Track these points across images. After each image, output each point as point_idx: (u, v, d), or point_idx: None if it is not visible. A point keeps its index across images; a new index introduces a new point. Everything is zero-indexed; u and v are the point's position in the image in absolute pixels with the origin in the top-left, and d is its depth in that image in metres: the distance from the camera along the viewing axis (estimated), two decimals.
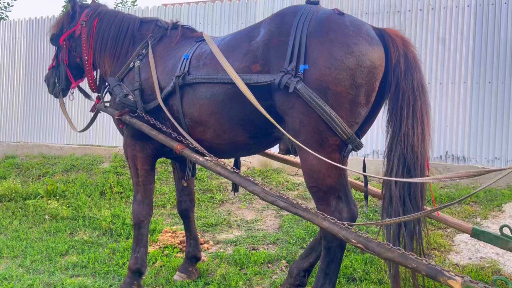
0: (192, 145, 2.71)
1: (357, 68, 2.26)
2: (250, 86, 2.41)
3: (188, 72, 2.69)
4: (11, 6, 11.83)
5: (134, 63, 3.09)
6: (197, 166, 4.69)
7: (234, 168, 2.60)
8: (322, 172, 2.34)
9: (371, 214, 4.42)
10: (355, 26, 2.35)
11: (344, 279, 3.21)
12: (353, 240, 2.15)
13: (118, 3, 12.48)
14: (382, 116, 2.52)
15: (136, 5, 13.13)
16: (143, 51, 3.11)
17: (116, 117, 3.02)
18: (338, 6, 5.67)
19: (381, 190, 2.52)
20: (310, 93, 2.24)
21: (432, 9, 5.20)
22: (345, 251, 3.65)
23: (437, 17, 5.22)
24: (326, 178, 2.35)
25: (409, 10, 5.33)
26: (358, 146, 2.44)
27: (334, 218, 2.23)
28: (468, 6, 5.09)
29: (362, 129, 2.54)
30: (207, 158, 2.68)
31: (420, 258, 2.00)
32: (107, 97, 3.32)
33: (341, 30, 2.31)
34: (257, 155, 5.70)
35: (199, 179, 5.63)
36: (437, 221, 3.02)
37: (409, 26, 5.34)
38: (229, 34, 2.86)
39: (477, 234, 2.63)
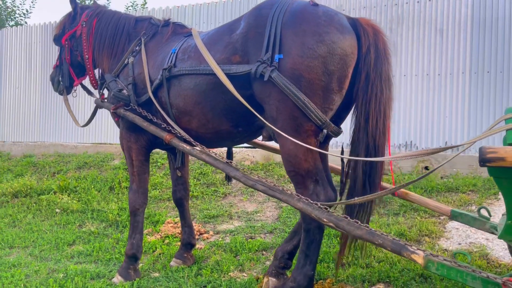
0: (180, 134, 2.86)
1: (328, 56, 2.36)
2: (229, 76, 2.54)
3: (175, 65, 2.85)
4: (30, 13, 12.31)
5: (128, 59, 3.26)
6: (193, 159, 4.78)
7: (217, 155, 2.74)
8: (299, 156, 2.45)
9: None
10: (327, 16, 2.44)
11: (333, 264, 3.29)
12: (325, 219, 2.25)
13: (128, 7, 12.82)
14: None
15: (146, 7, 13.44)
16: (137, 48, 3.29)
17: (111, 111, 3.20)
18: (336, 1, 5.75)
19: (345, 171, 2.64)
20: (284, 81, 2.36)
21: (430, 0, 5.22)
22: (337, 238, 3.76)
23: (434, 8, 5.24)
24: (303, 163, 2.46)
25: (407, 3, 5.36)
26: (335, 132, 2.52)
27: (307, 199, 2.34)
28: None
29: (340, 116, 2.64)
30: (194, 147, 2.83)
31: (385, 234, 2.09)
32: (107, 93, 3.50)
33: (313, 20, 2.42)
34: (260, 149, 5.82)
35: (204, 174, 5.79)
36: (426, 208, 3.06)
37: (406, 19, 5.37)
38: (214, 28, 3.00)
39: (455, 216, 2.69)
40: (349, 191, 2.54)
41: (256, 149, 6.01)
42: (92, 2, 3.78)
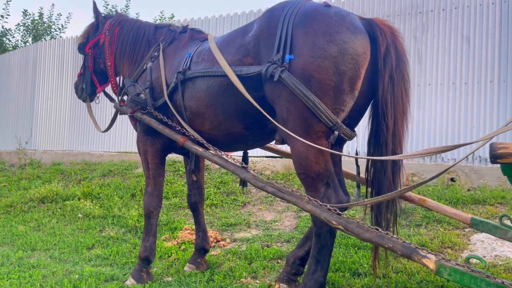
0: (193, 136, 2.87)
1: (339, 56, 2.32)
2: (241, 77, 2.54)
3: (189, 68, 2.88)
4: (65, 28, 12.85)
5: (147, 64, 3.32)
6: (214, 168, 4.74)
7: (231, 158, 2.72)
8: (310, 158, 2.41)
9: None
10: (338, 16, 2.42)
11: (349, 273, 3.19)
12: (334, 222, 2.19)
13: (157, 20, 13.17)
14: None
15: (173, 20, 13.77)
16: (155, 53, 3.35)
17: (128, 114, 3.25)
18: (359, 9, 5.70)
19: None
20: (295, 81, 2.33)
21: (455, 8, 5.10)
22: (355, 248, 3.65)
23: (460, 16, 5.11)
24: (313, 165, 2.41)
25: (432, 11, 5.25)
26: (347, 135, 2.48)
27: (317, 200, 2.28)
28: (492, 3, 4.95)
29: (354, 119, 2.59)
30: (207, 149, 2.83)
31: (395, 237, 2.01)
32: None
33: (324, 20, 2.40)
34: (281, 159, 5.78)
35: (224, 183, 5.79)
36: (445, 215, 2.94)
37: (431, 27, 5.26)
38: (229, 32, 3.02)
39: (476, 224, 2.56)
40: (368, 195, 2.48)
41: (277, 158, 5.97)
42: (114, 12, 3.89)
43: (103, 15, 3.87)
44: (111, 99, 4.03)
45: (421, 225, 4.00)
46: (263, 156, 6.27)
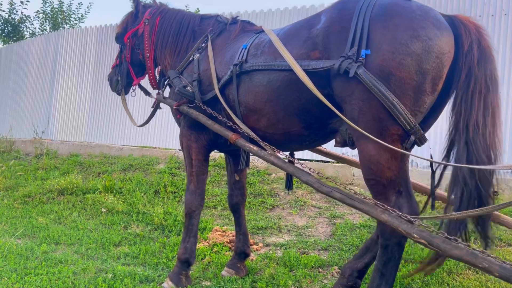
0: (247, 134, 2.67)
1: (423, 53, 2.13)
2: (308, 72, 2.35)
3: (246, 61, 2.68)
4: (85, 18, 12.69)
5: (193, 56, 3.13)
6: (252, 158, 4.56)
7: (288, 157, 2.54)
8: (382, 163, 2.21)
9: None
10: (422, 10, 2.22)
11: None
12: (415, 235, 1.99)
13: None
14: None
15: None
16: (203, 45, 3.16)
17: (174, 107, 3.06)
18: None
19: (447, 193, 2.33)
20: (372, 79, 2.14)
21: (505, 14, 4.89)
22: (404, 261, 3.44)
23: (510, 22, 4.90)
24: (385, 170, 2.21)
25: (480, 16, 5.05)
26: (421, 140, 2.28)
27: (395, 210, 2.08)
28: None
29: (426, 122, 2.39)
30: (262, 149, 2.63)
31: (493, 256, 1.81)
32: (166, 93, 3.39)
33: (407, 14, 2.20)
34: (312, 161, 5.57)
35: (251, 183, 5.59)
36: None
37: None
38: (289, 24, 2.83)
39: None
40: (450, 207, 2.24)
41: (307, 149, 5.76)
42: (153, 1, 3.69)
43: (142, 3, 3.69)
44: (146, 92, 3.84)
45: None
46: (302, 159, 6.06)
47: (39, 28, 12.47)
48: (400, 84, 2.14)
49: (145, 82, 3.67)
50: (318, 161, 5.77)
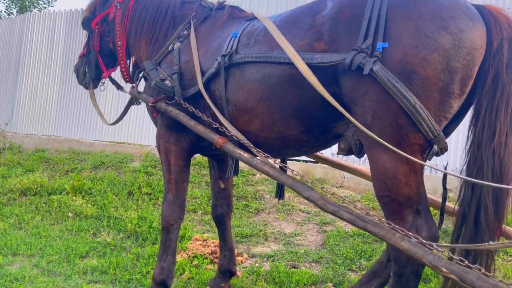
0: (236, 137, 2.27)
1: (453, 48, 1.78)
2: (311, 67, 1.97)
3: (236, 51, 2.28)
4: (54, 1, 11.95)
5: (173, 45, 2.70)
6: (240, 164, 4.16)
7: (285, 168, 2.16)
8: (398, 178, 1.87)
9: (441, 235, 3.85)
10: None
11: None
12: (444, 269, 1.63)
13: None
14: None
15: None
16: (184, 32, 2.73)
17: (150, 104, 2.62)
18: None
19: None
20: (390, 77, 1.78)
21: (508, 8, 4.62)
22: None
23: None
24: (402, 186, 1.88)
25: (508, 9, 4.75)
26: (443, 149, 1.95)
27: (418, 237, 1.73)
28: None
29: (447, 129, 2.05)
30: (254, 156, 2.24)
31: None
32: (141, 87, 2.94)
33: (433, 0, 1.84)
34: (299, 162, 5.21)
35: (234, 185, 5.19)
36: None
37: None
38: (287, 10, 2.43)
39: None
40: (460, 229, 1.94)
41: (294, 161, 5.40)
42: None
43: None
44: (118, 86, 3.37)
45: None
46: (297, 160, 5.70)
47: (5, 11, 11.68)
48: (424, 84, 1.80)
49: (117, 74, 3.21)
50: (305, 161, 5.41)
